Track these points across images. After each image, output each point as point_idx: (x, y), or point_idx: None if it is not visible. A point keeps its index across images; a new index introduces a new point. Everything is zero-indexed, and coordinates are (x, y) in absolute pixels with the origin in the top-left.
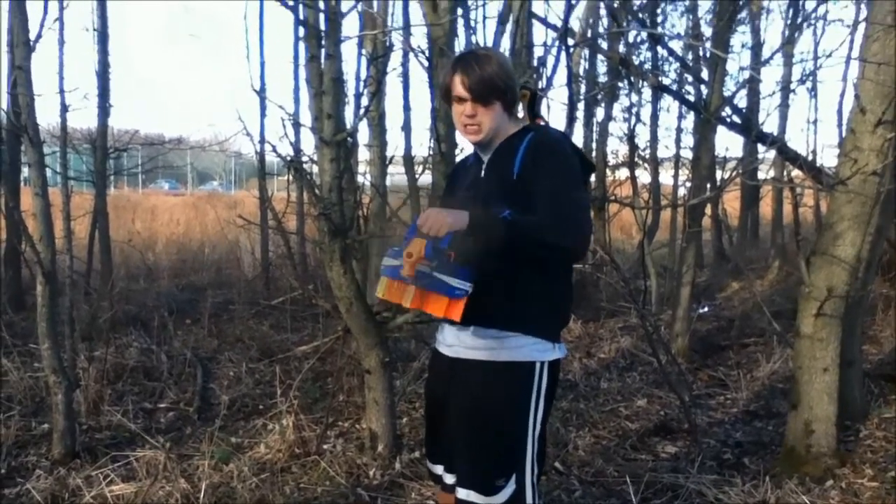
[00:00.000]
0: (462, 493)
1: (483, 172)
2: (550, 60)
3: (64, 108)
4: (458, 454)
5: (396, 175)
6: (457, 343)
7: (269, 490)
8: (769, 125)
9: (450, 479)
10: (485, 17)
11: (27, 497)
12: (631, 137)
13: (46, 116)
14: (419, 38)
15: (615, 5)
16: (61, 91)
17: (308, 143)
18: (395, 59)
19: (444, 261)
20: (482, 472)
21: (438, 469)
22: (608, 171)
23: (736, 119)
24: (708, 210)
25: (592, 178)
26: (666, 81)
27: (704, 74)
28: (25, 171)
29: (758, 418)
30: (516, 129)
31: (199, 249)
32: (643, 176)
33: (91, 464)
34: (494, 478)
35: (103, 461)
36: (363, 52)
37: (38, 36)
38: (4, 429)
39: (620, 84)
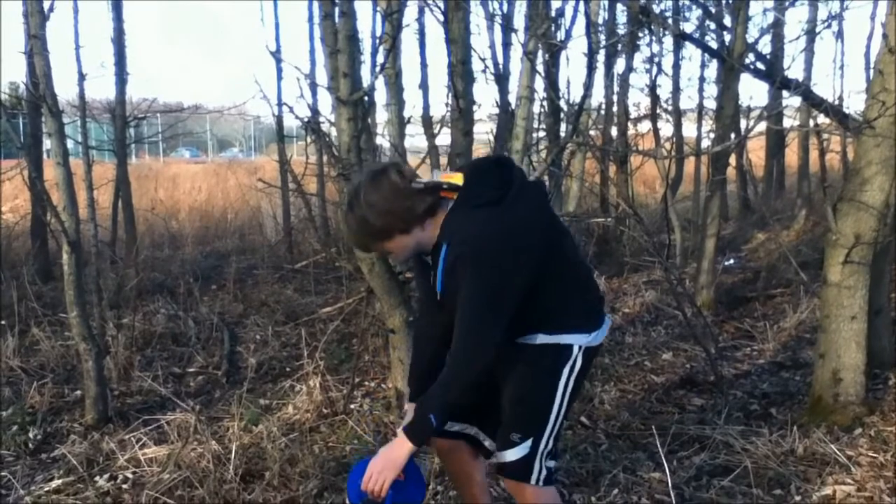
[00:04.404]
0: (473, 430)
1: (431, 279)
2: (569, 11)
3: (81, 77)
4: (481, 411)
5: (416, 136)
6: None
7: (298, 449)
8: (794, 71)
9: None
10: None
11: (63, 461)
12: (653, 88)
13: (65, 88)
14: None
15: None
16: (77, 58)
17: (325, 104)
18: (411, 14)
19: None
20: (503, 427)
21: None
22: (630, 124)
23: (760, 65)
24: (732, 161)
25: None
26: (687, 29)
27: (727, 21)
28: (47, 144)
29: (784, 369)
30: (434, 238)
31: (221, 216)
32: (665, 128)
33: (123, 428)
34: (509, 432)
35: (135, 425)
36: (377, 8)
37: (52, 5)
38: (39, 396)
39: (641, 33)
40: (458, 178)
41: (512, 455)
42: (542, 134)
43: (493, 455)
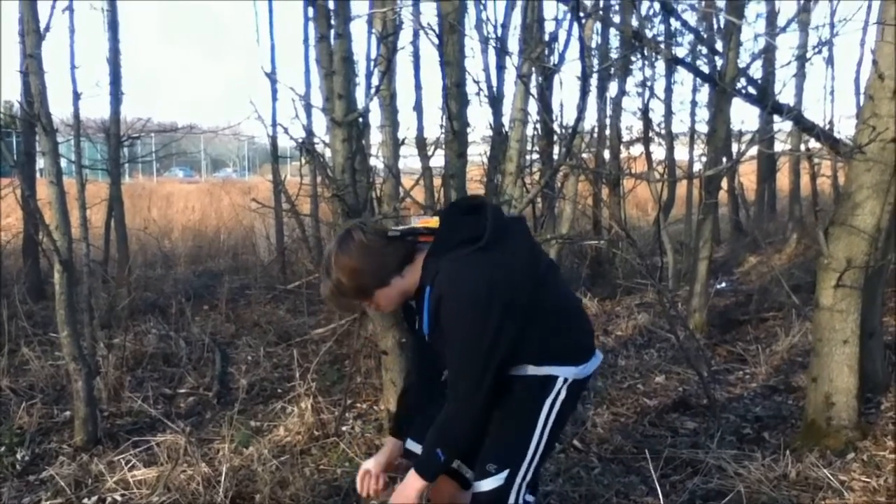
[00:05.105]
0: (456, 463)
1: (416, 324)
2: (562, 34)
3: (76, 96)
4: None
5: (410, 157)
6: None
7: (289, 472)
8: (785, 96)
9: None
10: None
11: (51, 483)
12: (645, 112)
13: (59, 107)
14: (429, 16)
15: None
16: (73, 78)
17: (320, 125)
18: (406, 37)
19: None
20: (481, 456)
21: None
22: (623, 147)
23: (751, 90)
24: (724, 184)
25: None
26: (680, 53)
27: (719, 46)
28: (40, 161)
29: (777, 392)
30: (417, 281)
31: (214, 235)
32: (658, 151)
33: (113, 449)
34: (486, 462)
35: (125, 446)
36: (373, 30)
37: (49, 25)
38: (27, 416)
39: (634, 57)
40: (434, 223)
41: (487, 485)
42: (535, 156)
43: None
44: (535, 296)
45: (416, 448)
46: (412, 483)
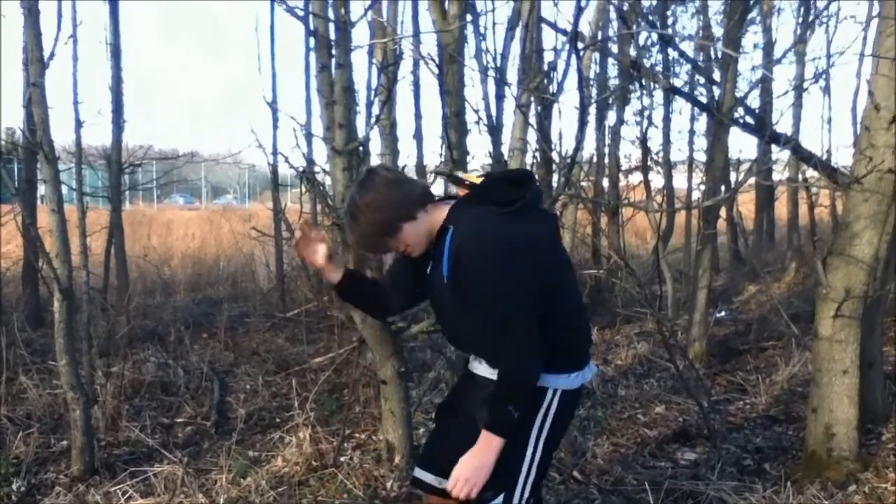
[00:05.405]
0: (438, 481)
1: (429, 269)
2: (561, 65)
3: (78, 124)
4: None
5: None
6: (477, 367)
7: (287, 503)
8: (783, 125)
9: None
10: (494, 23)
11: None
12: (643, 141)
13: (61, 133)
14: (429, 46)
15: (625, 8)
16: (75, 106)
17: (320, 153)
18: (406, 66)
19: None
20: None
21: (428, 477)
22: (621, 176)
23: (749, 120)
24: (723, 212)
25: (605, 183)
26: (677, 83)
27: (716, 75)
28: (42, 189)
29: (777, 423)
30: (441, 221)
31: (214, 263)
32: (656, 179)
33: (110, 480)
34: (482, 489)
35: (122, 477)
36: (373, 60)
37: (52, 53)
38: (24, 446)
39: (632, 87)
40: (476, 179)
41: None
42: None
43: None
44: (546, 285)
45: (424, 476)
46: (487, 445)
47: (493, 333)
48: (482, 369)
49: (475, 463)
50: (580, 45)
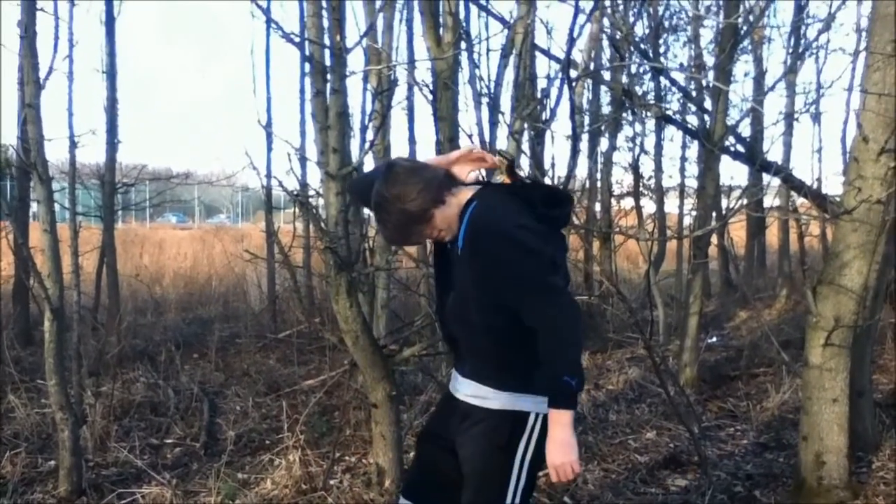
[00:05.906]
0: None
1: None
2: (554, 92)
3: (73, 144)
4: (441, 489)
5: None
6: (459, 388)
7: None
8: (773, 154)
9: None
10: (488, 51)
11: None
12: (635, 167)
13: (55, 152)
14: (423, 73)
15: (617, 37)
16: (70, 127)
17: (314, 176)
18: (400, 93)
19: None
20: None
21: None
22: (613, 201)
23: (740, 148)
24: (714, 239)
25: (597, 207)
26: (669, 111)
27: (707, 104)
28: (34, 207)
29: (768, 450)
30: (465, 201)
31: (206, 283)
32: (648, 205)
33: (97, 501)
34: None
35: (110, 498)
36: (368, 86)
37: (48, 75)
38: (11, 466)
39: (624, 115)
40: (509, 181)
41: None
42: None
43: None
44: None
45: None
46: (559, 422)
47: (514, 293)
48: (464, 391)
49: (558, 446)
50: (573, 74)
